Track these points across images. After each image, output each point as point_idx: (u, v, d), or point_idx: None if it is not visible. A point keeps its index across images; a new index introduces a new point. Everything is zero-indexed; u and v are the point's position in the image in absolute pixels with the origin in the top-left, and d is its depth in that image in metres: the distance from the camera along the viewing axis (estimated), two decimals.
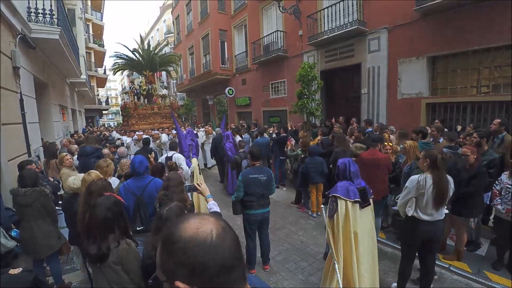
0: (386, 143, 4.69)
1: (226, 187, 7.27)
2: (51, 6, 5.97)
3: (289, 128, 7.90)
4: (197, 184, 2.37)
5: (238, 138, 7.93)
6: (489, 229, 4.19)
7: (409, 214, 2.79)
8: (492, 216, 3.98)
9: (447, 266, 3.55)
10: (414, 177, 2.78)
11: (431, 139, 5.18)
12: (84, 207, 2.30)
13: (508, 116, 5.64)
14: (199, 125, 13.22)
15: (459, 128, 5.95)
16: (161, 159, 5.52)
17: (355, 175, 2.74)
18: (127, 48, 12.36)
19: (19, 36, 5.06)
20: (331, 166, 5.49)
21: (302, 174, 5.48)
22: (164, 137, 8.46)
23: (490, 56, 5.94)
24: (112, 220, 1.88)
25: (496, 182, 3.42)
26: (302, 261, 3.87)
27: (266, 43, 12.11)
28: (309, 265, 3.78)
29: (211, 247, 0.58)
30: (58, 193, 4.57)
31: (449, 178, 2.78)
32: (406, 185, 2.83)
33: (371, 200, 2.82)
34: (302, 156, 5.93)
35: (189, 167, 5.14)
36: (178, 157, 5.29)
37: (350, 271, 2.60)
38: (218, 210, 2.25)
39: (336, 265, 2.58)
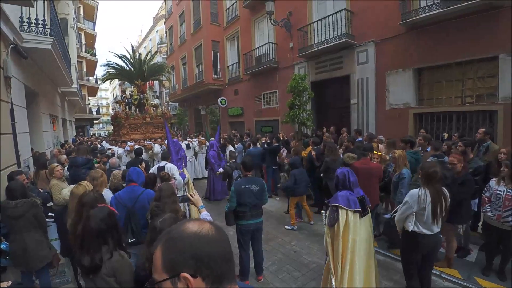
0: (375, 152, 4.81)
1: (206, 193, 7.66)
2: (44, 16, 5.98)
3: (281, 138, 7.99)
4: (190, 194, 2.38)
5: (230, 148, 7.98)
6: (477, 235, 4.30)
7: (410, 229, 2.74)
8: (481, 223, 4.08)
9: (438, 273, 3.61)
10: (414, 192, 2.73)
11: (420, 148, 5.34)
12: (75, 219, 2.29)
13: (492, 125, 5.87)
14: (191, 135, 13.20)
15: (445, 136, 6.15)
16: (153, 169, 5.49)
17: (354, 185, 2.80)
18: (118, 56, 12.34)
19: (11, 45, 5.04)
20: (321, 175, 5.59)
21: (288, 187, 5.44)
22: (157, 148, 8.43)
23: (473, 68, 6.21)
24: (106, 232, 1.88)
25: (485, 189, 3.53)
26: (295, 271, 3.88)
27: (258, 55, 12.33)
28: (302, 275, 3.79)
29: (214, 240, 0.66)
30: (48, 204, 4.49)
31: (444, 190, 2.78)
32: (405, 199, 2.77)
33: (369, 209, 2.89)
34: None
35: (183, 178, 5.16)
36: (170, 167, 5.26)
37: (346, 281, 2.62)
38: (211, 220, 2.26)
39: (333, 278, 2.60)
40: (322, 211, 3.50)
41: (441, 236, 3.94)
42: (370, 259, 2.81)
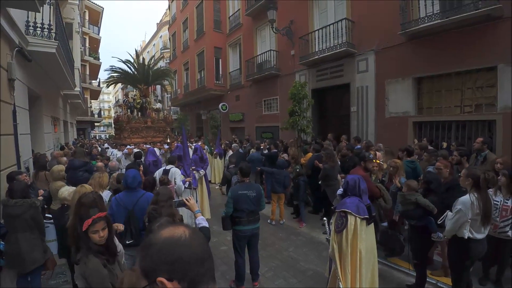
0: (374, 160, 4.82)
1: None
2: (49, 20, 6.09)
3: (279, 145, 8.06)
4: (186, 199, 2.40)
5: (230, 153, 8.02)
6: None
7: (466, 237, 2.69)
8: None
9: (434, 282, 3.59)
10: (465, 199, 2.69)
11: (417, 156, 5.36)
12: (74, 220, 2.30)
13: (491, 134, 5.89)
14: (192, 139, 13.25)
15: (444, 145, 6.16)
16: (158, 171, 5.60)
17: (364, 192, 2.77)
18: (122, 61, 12.49)
19: (16, 49, 5.13)
20: (320, 182, 5.60)
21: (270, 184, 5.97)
22: (156, 152, 8.45)
23: (472, 78, 6.25)
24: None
25: None
26: (291, 278, 3.86)
27: (259, 62, 12.46)
28: (298, 281, 3.77)
29: (185, 244, 0.68)
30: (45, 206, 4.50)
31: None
32: (458, 207, 2.70)
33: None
34: (298, 170, 6.06)
35: (195, 184, 5.23)
36: (174, 171, 5.41)
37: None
38: (207, 225, 2.28)
39: (341, 284, 2.59)
40: (324, 218, 3.50)
41: (437, 245, 3.98)
42: (375, 268, 2.79)
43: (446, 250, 3.64)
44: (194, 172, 5.47)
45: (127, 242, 3.23)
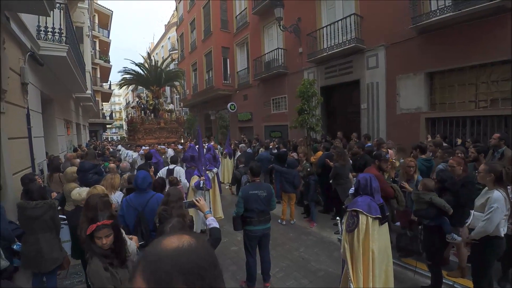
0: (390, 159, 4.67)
1: None
2: (60, 24, 6.21)
3: (288, 144, 8.00)
4: (196, 200, 2.40)
5: (239, 153, 8.01)
6: None
7: (502, 234, 2.61)
8: None
9: (451, 283, 3.48)
10: (498, 196, 2.59)
11: (431, 154, 5.21)
12: (82, 222, 2.33)
13: (508, 130, 5.68)
14: (202, 139, 13.32)
15: (459, 141, 5.98)
16: (162, 171, 5.68)
17: (376, 191, 2.71)
18: (135, 63, 12.66)
19: (29, 53, 5.24)
20: (331, 181, 5.52)
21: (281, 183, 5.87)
22: (170, 152, 8.54)
23: (487, 71, 6.05)
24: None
25: None
26: (303, 278, 3.82)
27: (267, 60, 12.39)
28: (310, 282, 3.73)
29: (197, 250, 0.64)
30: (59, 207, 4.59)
31: None
32: (494, 205, 2.56)
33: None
34: (308, 169, 6.00)
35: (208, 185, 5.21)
36: (179, 170, 5.56)
37: None
38: (217, 226, 2.27)
39: (351, 285, 2.53)
40: (337, 218, 3.44)
41: (453, 245, 3.85)
42: (388, 269, 2.71)
43: (462, 250, 3.54)
44: (207, 172, 5.45)
45: (139, 243, 3.27)
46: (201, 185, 4.80)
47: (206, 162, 5.67)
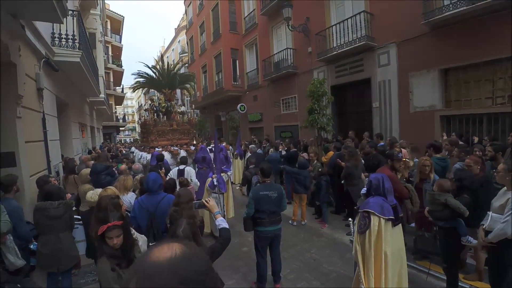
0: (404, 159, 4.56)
1: None
2: (73, 31, 6.39)
3: (299, 144, 7.94)
4: (206, 200, 2.40)
5: (249, 154, 8.02)
6: None
7: None
8: None
9: (468, 287, 3.36)
10: None
11: (447, 153, 5.06)
12: (94, 222, 2.38)
13: None
14: (212, 141, 13.41)
15: (475, 140, 5.78)
16: (173, 171, 5.78)
17: (389, 192, 2.65)
18: (148, 67, 12.88)
19: (44, 59, 5.41)
20: (342, 181, 5.44)
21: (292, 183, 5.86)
22: (183, 153, 8.64)
23: (503, 67, 5.82)
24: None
25: None
26: (314, 280, 3.76)
27: (276, 60, 12.36)
28: (321, 284, 3.67)
29: (191, 256, 0.62)
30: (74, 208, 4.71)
31: None
32: None
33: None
34: (320, 170, 5.93)
35: (223, 188, 5.23)
36: (189, 170, 5.64)
37: None
38: (227, 226, 2.26)
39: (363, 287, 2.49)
40: (350, 219, 3.39)
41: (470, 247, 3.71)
42: (402, 272, 2.63)
43: (480, 253, 3.41)
44: (221, 174, 5.43)
45: (150, 244, 3.30)
46: (215, 183, 4.76)
47: (221, 164, 5.62)
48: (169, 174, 5.98)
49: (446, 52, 6.53)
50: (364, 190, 2.95)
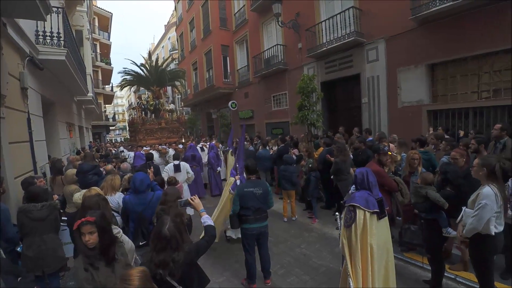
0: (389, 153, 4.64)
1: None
2: (58, 28, 6.23)
3: (287, 140, 7.98)
4: (191, 199, 2.40)
5: None
6: None
7: (493, 233, 2.47)
8: None
9: (453, 277, 3.45)
10: (489, 192, 2.44)
11: (433, 146, 5.15)
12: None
13: (511, 120, 5.59)
14: (204, 139, 13.35)
15: (461, 133, 5.90)
16: (169, 166, 6.01)
17: (373, 185, 2.68)
18: (135, 64, 12.71)
19: (27, 58, 5.28)
20: (332, 177, 5.49)
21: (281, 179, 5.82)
22: (171, 152, 8.57)
23: (489, 61, 5.94)
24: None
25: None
26: (304, 275, 3.80)
27: (266, 57, 12.34)
28: (311, 278, 3.71)
29: None
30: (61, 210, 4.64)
31: None
32: (483, 202, 2.43)
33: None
34: (310, 165, 5.95)
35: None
36: (184, 164, 5.99)
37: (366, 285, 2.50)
38: (212, 224, 2.27)
39: (351, 281, 2.51)
40: (337, 213, 3.42)
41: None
42: (389, 264, 2.67)
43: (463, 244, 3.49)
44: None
45: (140, 244, 3.30)
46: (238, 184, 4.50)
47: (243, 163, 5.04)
48: (165, 169, 6.05)
49: (433, 47, 6.62)
50: (353, 188, 2.99)
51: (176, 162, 6.07)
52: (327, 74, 9.60)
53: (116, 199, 3.69)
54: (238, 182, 4.43)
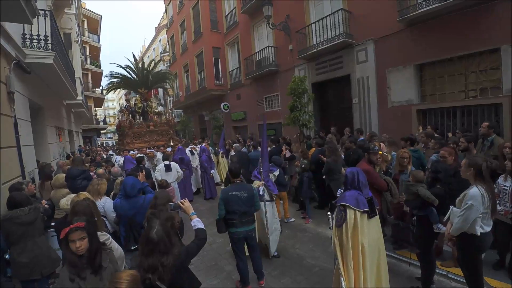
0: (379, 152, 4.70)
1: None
2: (45, 31, 6.13)
3: (279, 140, 8.00)
4: (181, 202, 2.38)
5: (232, 152, 8.02)
6: None
7: (478, 233, 2.48)
8: None
9: (445, 273, 3.51)
10: (476, 193, 2.44)
11: (423, 145, 5.24)
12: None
13: (498, 118, 5.73)
14: (196, 141, 13.29)
15: (450, 135, 6.00)
16: (160, 166, 6.19)
17: (363, 185, 2.70)
18: (121, 66, 12.57)
19: (14, 62, 5.17)
20: (324, 177, 5.52)
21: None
22: (159, 155, 8.49)
23: (476, 61, 6.08)
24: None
25: (494, 185, 3.43)
26: (298, 275, 3.81)
27: (258, 59, 12.37)
28: (305, 278, 3.72)
29: None
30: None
31: None
32: (468, 203, 2.44)
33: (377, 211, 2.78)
34: (303, 166, 5.96)
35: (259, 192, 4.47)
36: (174, 164, 6.23)
37: (358, 284, 2.52)
38: (203, 227, 2.26)
39: (343, 280, 2.52)
40: (328, 213, 3.44)
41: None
42: (381, 262, 2.70)
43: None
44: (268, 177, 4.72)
45: (132, 248, 3.26)
46: (261, 192, 4.14)
47: (268, 166, 4.85)
48: (157, 169, 6.07)
49: (421, 48, 6.74)
50: (339, 191, 3.01)
51: (167, 162, 6.27)
52: (318, 75, 9.68)
53: (101, 203, 3.61)
54: (261, 190, 4.15)
